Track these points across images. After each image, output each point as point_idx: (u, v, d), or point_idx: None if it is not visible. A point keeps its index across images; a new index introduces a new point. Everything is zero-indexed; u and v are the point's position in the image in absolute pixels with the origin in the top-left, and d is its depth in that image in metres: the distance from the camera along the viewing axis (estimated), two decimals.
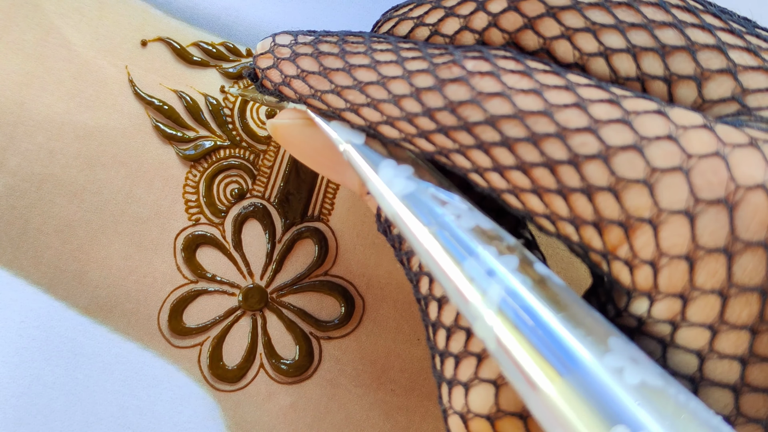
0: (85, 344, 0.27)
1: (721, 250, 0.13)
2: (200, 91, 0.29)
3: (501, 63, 0.17)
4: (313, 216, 0.28)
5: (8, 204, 0.27)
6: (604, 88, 0.15)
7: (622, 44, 0.16)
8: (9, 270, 0.27)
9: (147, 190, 0.28)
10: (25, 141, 0.28)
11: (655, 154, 0.14)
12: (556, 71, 0.16)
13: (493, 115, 0.16)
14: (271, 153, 0.29)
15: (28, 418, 0.26)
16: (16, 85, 0.28)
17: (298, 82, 0.20)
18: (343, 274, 0.28)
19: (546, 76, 0.16)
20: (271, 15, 0.30)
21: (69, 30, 0.29)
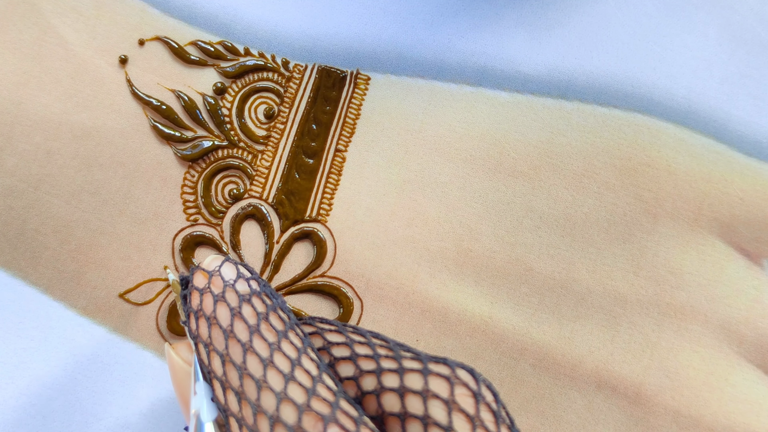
0: (84, 345, 0.27)
1: None
2: (198, 91, 0.29)
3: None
4: (311, 217, 0.28)
5: (6, 204, 0.27)
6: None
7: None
8: (7, 270, 0.27)
9: (145, 190, 0.28)
10: (22, 141, 0.28)
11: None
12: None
13: None
14: (269, 153, 0.29)
15: (27, 418, 0.26)
16: (13, 85, 0.28)
17: (203, 323, 0.20)
18: (342, 275, 0.28)
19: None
20: (269, 14, 0.30)
21: (66, 29, 0.29)
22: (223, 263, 0.21)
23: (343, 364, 0.20)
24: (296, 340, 0.20)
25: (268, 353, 0.19)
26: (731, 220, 0.28)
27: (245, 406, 0.19)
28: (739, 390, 0.27)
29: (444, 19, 0.30)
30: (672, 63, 0.30)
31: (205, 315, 0.20)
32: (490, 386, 0.19)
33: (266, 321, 0.20)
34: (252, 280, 0.21)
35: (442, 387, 0.19)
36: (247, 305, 0.20)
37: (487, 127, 0.29)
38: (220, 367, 0.19)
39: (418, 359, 0.19)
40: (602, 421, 0.27)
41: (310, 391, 0.18)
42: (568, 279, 0.28)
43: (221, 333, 0.20)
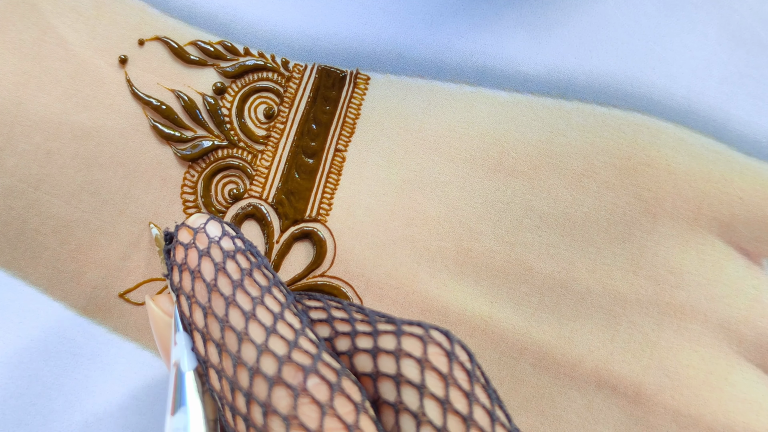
0: (83, 344, 0.27)
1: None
2: (198, 91, 0.29)
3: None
4: (311, 217, 0.28)
5: (6, 204, 0.27)
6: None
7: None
8: (7, 271, 0.27)
9: (145, 190, 0.28)
10: (22, 141, 0.28)
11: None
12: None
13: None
14: (269, 153, 0.29)
15: (27, 418, 0.26)
16: (13, 85, 0.28)
17: (187, 276, 0.20)
18: (342, 274, 0.28)
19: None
20: (269, 14, 0.30)
21: (66, 29, 0.29)
22: (209, 221, 0.21)
23: (319, 326, 0.20)
24: (279, 296, 0.20)
25: (251, 306, 0.19)
26: (731, 220, 0.28)
27: (225, 357, 0.19)
28: (739, 389, 0.27)
29: (444, 19, 0.30)
30: (671, 63, 0.30)
31: (189, 268, 0.20)
32: (464, 347, 0.19)
33: (250, 276, 0.20)
34: (237, 238, 0.21)
35: (415, 346, 0.19)
36: (232, 261, 0.20)
37: (487, 126, 0.29)
38: (202, 319, 0.20)
39: (392, 322, 0.20)
40: (602, 420, 0.27)
41: (292, 344, 0.18)
42: (568, 278, 0.28)
43: (204, 286, 0.20)
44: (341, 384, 0.18)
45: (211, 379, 0.19)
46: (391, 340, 0.19)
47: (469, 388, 0.18)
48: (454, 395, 0.18)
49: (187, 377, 0.20)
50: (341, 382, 0.18)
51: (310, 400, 0.17)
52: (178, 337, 0.21)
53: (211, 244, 0.21)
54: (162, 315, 0.22)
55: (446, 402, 0.18)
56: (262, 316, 0.19)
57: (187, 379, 0.20)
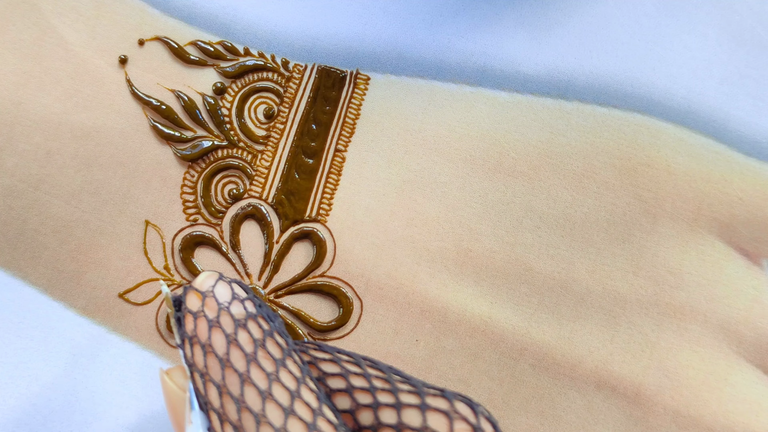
0: (83, 344, 0.27)
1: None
2: (198, 91, 0.29)
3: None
4: (311, 217, 0.28)
5: (5, 204, 0.27)
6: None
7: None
8: (7, 270, 0.27)
9: (145, 190, 0.28)
10: (22, 141, 0.28)
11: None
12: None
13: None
14: (269, 153, 0.29)
15: (27, 418, 0.26)
16: (13, 85, 0.28)
17: (198, 351, 0.20)
18: (342, 275, 0.28)
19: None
20: (269, 14, 0.30)
21: (66, 29, 0.29)
22: (217, 282, 0.20)
23: (339, 397, 0.20)
24: (295, 369, 0.19)
25: (267, 385, 0.19)
26: (731, 220, 0.28)
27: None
28: (739, 390, 0.27)
29: (444, 20, 0.30)
30: (671, 63, 0.30)
31: (200, 342, 0.19)
32: (489, 417, 0.19)
33: (263, 348, 0.19)
34: (248, 300, 0.20)
35: (440, 423, 0.18)
36: (243, 331, 0.19)
37: (487, 127, 0.29)
38: (218, 398, 0.19)
39: (415, 392, 0.19)
40: (602, 421, 0.27)
41: (311, 427, 0.18)
42: (568, 279, 0.28)
43: (217, 362, 0.19)
44: None
45: None
46: (416, 415, 0.18)
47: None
48: None
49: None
50: None
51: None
52: (194, 416, 0.20)
53: (221, 311, 0.20)
54: (176, 390, 0.21)
55: None
56: (279, 396, 0.18)
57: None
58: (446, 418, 0.18)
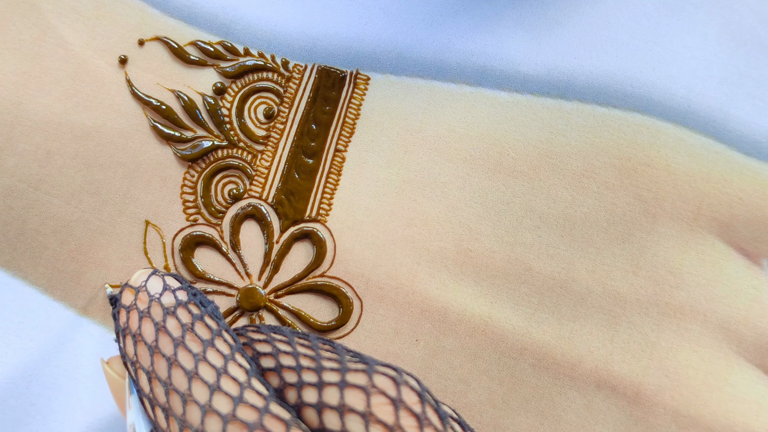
0: (83, 344, 0.27)
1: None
2: (198, 91, 0.29)
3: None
4: (311, 217, 0.28)
5: (6, 205, 0.27)
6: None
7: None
8: (7, 271, 0.27)
9: (145, 190, 0.28)
10: (22, 141, 0.28)
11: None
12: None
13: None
14: (269, 153, 0.29)
15: (27, 418, 0.26)
16: (13, 85, 0.28)
17: (129, 341, 0.20)
18: (341, 275, 0.28)
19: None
20: (269, 14, 0.30)
21: (66, 29, 0.29)
22: (150, 276, 0.21)
23: (269, 376, 0.20)
24: (223, 347, 0.20)
25: (193, 365, 0.19)
26: (730, 220, 0.28)
27: (172, 421, 0.18)
28: (739, 389, 0.27)
29: (443, 20, 0.30)
30: (671, 63, 0.30)
31: (131, 332, 0.20)
32: (414, 387, 0.19)
33: (191, 332, 0.20)
34: (180, 290, 0.21)
35: (358, 399, 0.18)
36: (172, 318, 0.20)
37: (487, 127, 0.29)
38: (147, 384, 0.19)
39: (338, 370, 0.19)
40: (602, 420, 0.27)
41: (237, 400, 0.18)
42: (568, 279, 0.28)
43: (146, 349, 0.20)
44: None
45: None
46: (335, 393, 0.19)
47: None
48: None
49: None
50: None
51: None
52: (132, 400, 0.20)
53: (151, 302, 0.20)
54: (116, 377, 0.22)
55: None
56: (205, 374, 0.19)
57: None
58: (364, 393, 0.18)
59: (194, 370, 0.19)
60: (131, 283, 0.21)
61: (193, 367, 0.19)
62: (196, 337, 0.20)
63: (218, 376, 0.19)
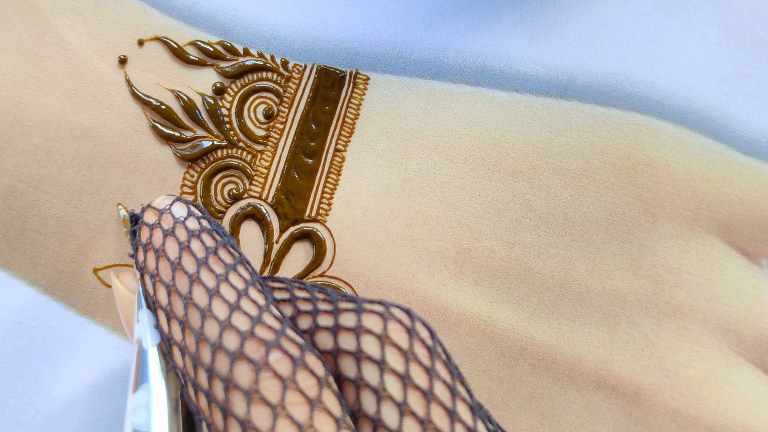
0: (83, 345, 0.27)
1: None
2: (197, 91, 0.29)
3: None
4: (310, 217, 0.28)
5: (5, 205, 0.27)
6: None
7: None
8: (7, 271, 0.27)
9: (145, 190, 0.28)
10: (22, 141, 0.28)
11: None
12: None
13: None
14: (268, 153, 0.29)
15: (27, 418, 0.26)
16: (12, 86, 0.28)
17: (151, 256, 0.20)
18: (341, 275, 0.28)
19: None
20: (268, 14, 0.30)
21: (65, 29, 0.29)
22: (174, 202, 0.22)
23: (282, 306, 0.20)
24: (245, 273, 0.20)
25: (215, 284, 0.19)
26: (730, 220, 0.28)
27: (189, 334, 0.19)
28: (738, 389, 0.27)
29: (443, 19, 0.30)
30: (671, 62, 0.30)
31: (154, 248, 0.20)
32: (426, 324, 0.19)
33: (215, 255, 0.20)
34: (203, 218, 0.21)
35: (375, 323, 0.19)
36: (196, 240, 0.20)
37: (487, 126, 0.29)
38: (166, 297, 0.20)
39: (354, 301, 0.20)
40: (601, 420, 0.27)
41: (255, 320, 0.18)
42: (568, 278, 0.28)
43: (169, 265, 0.20)
44: (304, 358, 0.18)
45: (174, 356, 0.19)
46: (351, 317, 0.19)
47: (430, 363, 0.18)
48: (415, 371, 0.18)
49: (150, 354, 0.20)
50: (304, 357, 0.18)
51: (272, 374, 0.17)
52: (141, 314, 0.21)
53: (176, 224, 0.21)
54: (125, 292, 0.22)
55: (407, 377, 0.18)
56: (226, 293, 0.19)
57: (150, 357, 0.20)
58: (381, 318, 0.19)
59: (215, 289, 0.19)
60: (154, 205, 0.22)
61: (215, 286, 0.19)
62: (219, 260, 0.20)
63: (239, 297, 0.19)
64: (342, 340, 0.19)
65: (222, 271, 0.20)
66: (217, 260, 0.20)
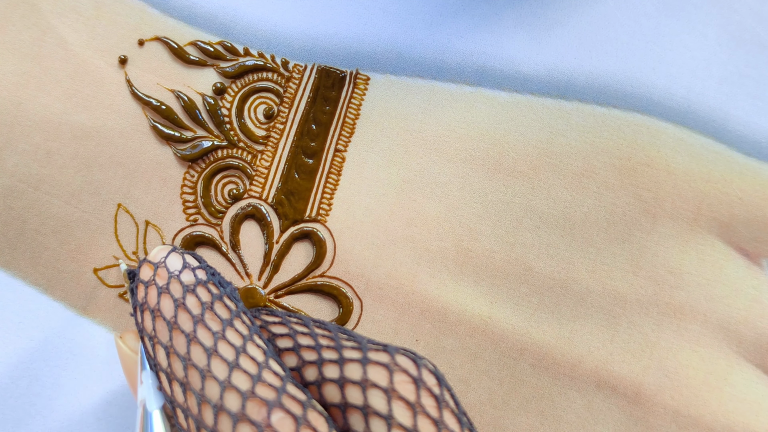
0: (83, 344, 0.27)
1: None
2: (197, 91, 0.29)
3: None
4: (310, 217, 0.28)
5: (6, 205, 0.27)
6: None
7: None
8: (7, 271, 0.27)
9: (145, 190, 0.28)
10: (22, 141, 0.28)
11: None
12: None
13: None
14: (269, 153, 0.29)
15: (27, 418, 0.26)
16: (13, 86, 0.28)
17: (148, 316, 0.20)
18: (341, 275, 0.28)
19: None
20: (268, 14, 0.30)
21: (66, 30, 0.29)
22: (170, 254, 0.21)
23: (287, 355, 0.20)
24: (242, 328, 0.20)
25: (212, 342, 0.19)
26: (730, 220, 0.28)
27: (190, 396, 0.19)
28: (738, 389, 0.27)
29: (443, 20, 0.30)
30: (671, 63, 0.30)
31: (150, 308, 0.20)
32: (433, 371, 0.19)
33: (210, 310, 0.20)
34: (199, 269, 0.21)
35: (380, 375, 0.19)
36: (191, 296, 0.20)
37: (487, 127, 0.29)
38: (165, 359, 0.20)
39: (358, 348, 0.19)
40: (602, 420, 0.27)
41: (255, 378, 0.18)
42: (568, 279, 0.28)
43: (165, 325, 0.20)
44: (307, 416, 0.18)
45: (179, 418, 0.19)
46: (357, 369, 0.19)
47: (438, 414, 0.18)
48: (422, 424, 0.18)
49: (154, 416, 0.20)
50: (307, 415, 0.18)
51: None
52: (144, 375, 0.21)
53: (170, 279, 0.21)
54: (128, 352, 0.22)
55: (414, 431, 0.18)
56: (224, 351, 0.19)
57: (154, 419, 0.20)
58: (386, 370, 0.19)
59: (213, 347, 0.19)
60: (150, 259, 0.21)
61: (212, 345, 0.19)
62: (216, 315, 0.20)
63: (237, 355, 0.19)
64: (349, 394, 0.19)
65: (219, 328, 0.20)
66: (213, 316, 0.20)
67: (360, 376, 0.19)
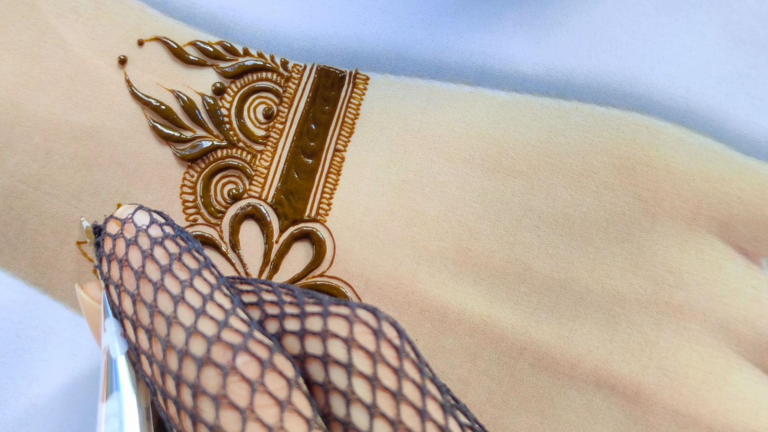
0: (83, 345, 0.27)
1: None
2: (197, 91, 0.29)
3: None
4: (310, 217, 0.28)
5: (5, 205, 0.27)
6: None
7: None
8: (7, 271, 0.27)
9: (144, 190, 0.28)
10: (22, 142, 0.28)
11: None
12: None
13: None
14: (268, 153, 0.29)
15: (27, 418, 0.26)
16: (12, 86, 0.28)
17: (115, 266, 0.20)
18: (341, 274, 0.28)
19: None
20: (268, 14, 0.30)
21: (65, 30, 0.29)
22: (137, 210, 0.21)
23: (250, 309, 0.20)
24: (210, 278, 0.20)
25: (179, 290, 0.19)
26: (730, 219, 0.28)
27: (155, 342, 0.19)
28: (738, 389, 0.27)
29: (443, 19, 0.30)
30: (670, 62, 0.30)
31: (117, 258, 0.20)
32: (394, 324, 0.19)
33: (179, 261, 0.20)
34: (166, 225, 0.21)
35: (341, 326, 0.19)
36: (159, 247, 0.20)
37: (486, 126, 0.29)
38: (131, 306, 0.20)
39: (320, 304, 0.19)
40: (601, 420, 0.27)
41: (222, 324, 0.18)
42: (567, 278, 0.28)
43: (132, 274, 0.20)
44: (273, 360, 0.18)
45: (142, 365, 0.19)
46: (317, 321, 0.19)
47: (398, 364, 0.18)
48: (383, 372, 0.18)
49: (119, 363, 0.20)
50: (273, 359, 0.18)
51: (239, 378, 0.17)
52: (108, 323, 0.21)
53: (138, 232, 0.21)
54: (91, 302, 0.22)
55: (374, 379, 0.18)
56: (191, 299, 0.19)
57: (119, 365, 0.20)
58: (346, 321, 0.19)
59: (180, 295, 0.19)
60: (117, 215, 0.22)
61: (179, 292, 0.19)
62: (184, 266, 0.20)
63: (204, 302, 0.19)
64: (309, 345, 0.19)
65: (186, 276, 0.20)
66: (181, 266, 0.20)
67: (320, 327, 0.19)
